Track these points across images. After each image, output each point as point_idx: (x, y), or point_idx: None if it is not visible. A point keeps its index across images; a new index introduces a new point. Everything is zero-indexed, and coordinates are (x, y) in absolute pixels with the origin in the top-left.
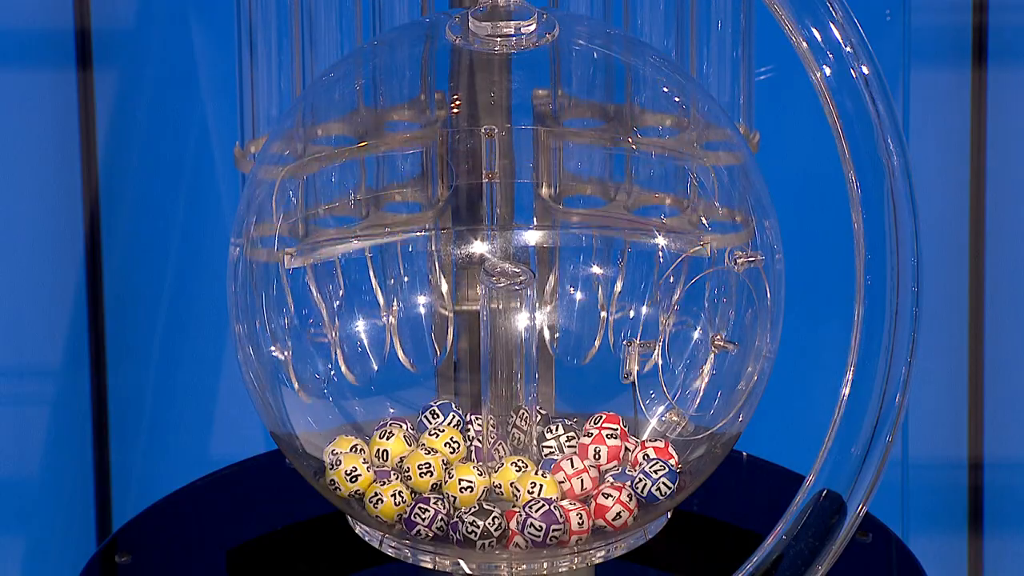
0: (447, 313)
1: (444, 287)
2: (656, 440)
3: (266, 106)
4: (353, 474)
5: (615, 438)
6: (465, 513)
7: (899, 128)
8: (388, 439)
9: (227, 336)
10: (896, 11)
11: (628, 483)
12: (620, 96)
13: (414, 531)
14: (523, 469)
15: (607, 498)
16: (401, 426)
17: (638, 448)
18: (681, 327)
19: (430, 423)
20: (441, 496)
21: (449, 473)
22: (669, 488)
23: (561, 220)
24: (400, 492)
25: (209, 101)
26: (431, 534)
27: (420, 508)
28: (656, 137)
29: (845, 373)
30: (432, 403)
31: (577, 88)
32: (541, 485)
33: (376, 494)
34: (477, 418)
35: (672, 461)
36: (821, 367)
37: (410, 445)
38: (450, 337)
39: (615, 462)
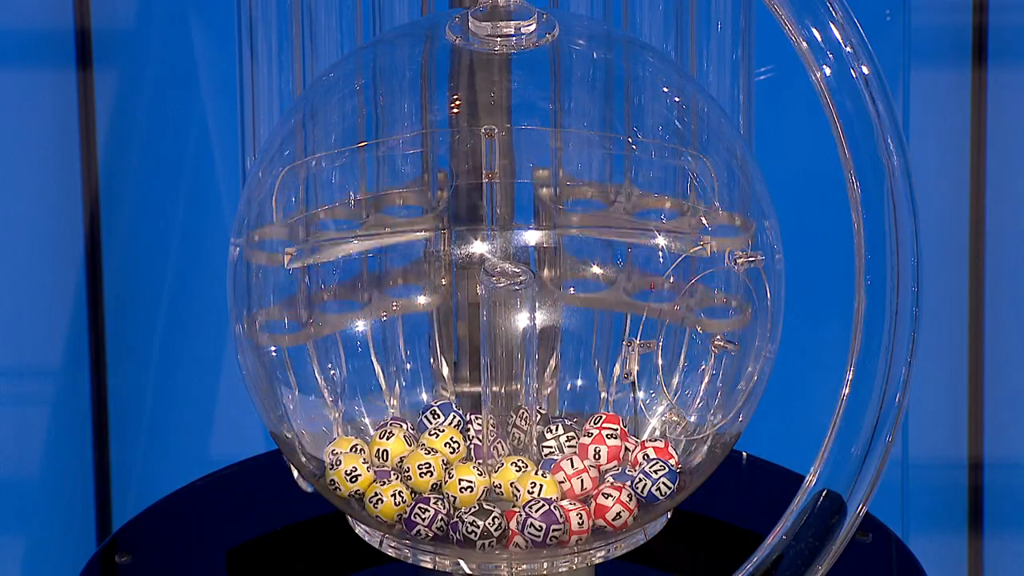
0: (448, 396)
1: (445, 371)
2: (656, 440)
3: (267, 107)
4: (353, 474)
5: (615, 438)
6: (465, 513)
7: (899, 128)
8: (388, 439)
9: (227, 336)
10: (896, 11)
11: (628, 483)
12: (619, 97)
13: (414, 531)
14: (523, 469)
15: (607, 498)
16: (401, 426)
17: (638, 448)
18: (681, 327)
19: (430, 423)
20: (441, 496)
21: (449, 473)
22: (669, 488)
23: (562, 225)
24: (400, 492)
25: (209, 101)
26: (431, 534)
27: (420, 508)
28: (657, 219)
29: (845, 373)
30: (432, 403)
31: (576, 92)
32: (541, 485)
33: (376, 494)
34: (477, 418)
35: (672, 461)
36: (821, 367)
37: (410, 445)
38: (452, 420)
39: (615, 462)
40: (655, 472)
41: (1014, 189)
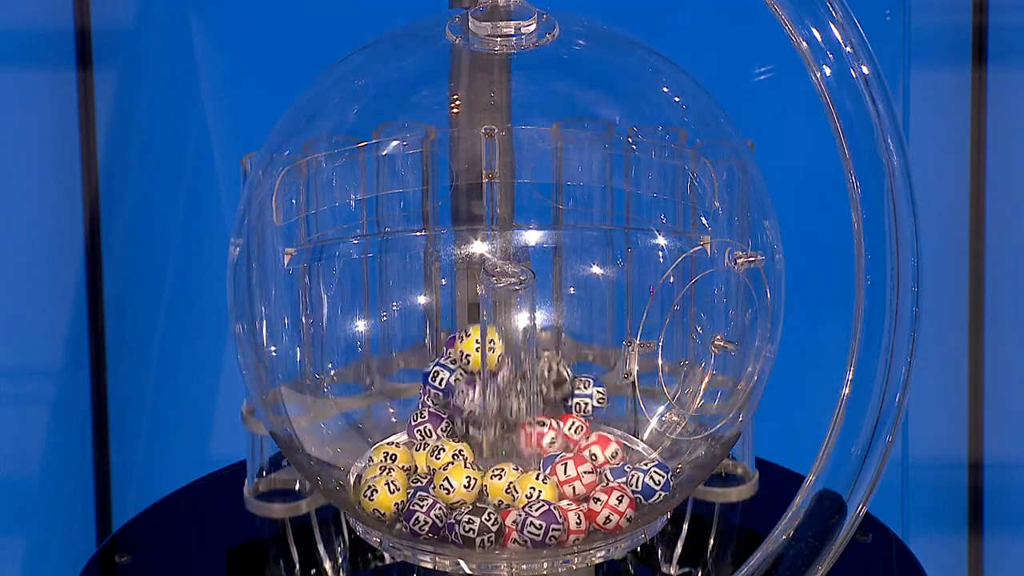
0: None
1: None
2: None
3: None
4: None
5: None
6: (460, 513)
7: (899, 128)
8: (393, 447)
9: (227, 336)
10: (896, 11)
11: (621, 481)
12: (619, 97)
13: (412, 520)
14: (519, 470)
15: (596, 502)
16: (405, 437)
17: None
18: (681, 327)
19: (431, 432)
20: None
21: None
22: (662, 476)
23: (561, 224)
24: (394, 481)
25: (209, 101)
26: (430, 522)
27: (419, 497)
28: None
29: (845, 373)
30: (432, 404)
31: (576, 92)
32: (540, 489)
33: (370, 487)
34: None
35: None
36: (821, 367)
37: (415, 451)
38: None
39: (610, 447)
40: (645, 464)
41: (1014, 189)
